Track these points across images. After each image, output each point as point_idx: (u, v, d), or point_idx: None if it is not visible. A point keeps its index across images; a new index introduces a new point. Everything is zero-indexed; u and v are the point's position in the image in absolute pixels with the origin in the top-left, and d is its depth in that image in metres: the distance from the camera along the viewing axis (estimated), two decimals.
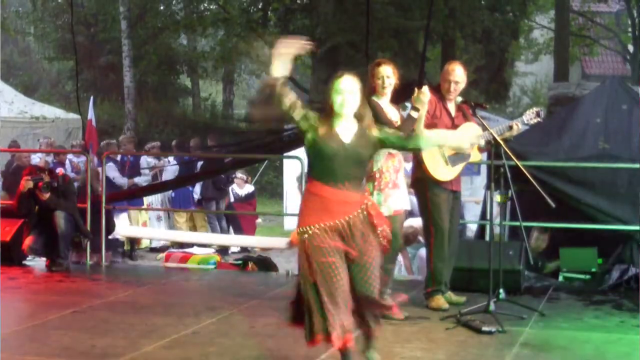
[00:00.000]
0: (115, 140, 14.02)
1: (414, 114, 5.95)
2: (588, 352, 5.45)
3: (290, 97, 4.50)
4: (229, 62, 24.72)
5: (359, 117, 4.61)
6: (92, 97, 14.67)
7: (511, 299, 6.51)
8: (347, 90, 4.56)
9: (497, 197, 6.91)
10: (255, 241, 11.53)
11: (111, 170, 12.08)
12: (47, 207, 8.40)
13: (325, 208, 4.48)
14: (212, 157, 11.77)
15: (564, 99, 11.70)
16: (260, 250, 11.05)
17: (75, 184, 9.85)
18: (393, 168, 6.14)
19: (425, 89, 6.02)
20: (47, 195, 8.33)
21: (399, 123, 6.07)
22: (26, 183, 8.40)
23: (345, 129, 4.56)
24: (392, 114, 6.19)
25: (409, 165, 7.17)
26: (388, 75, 6.14)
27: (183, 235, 11.61)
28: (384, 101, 6.19)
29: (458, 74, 6.55)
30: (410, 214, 7.10)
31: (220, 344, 5.52)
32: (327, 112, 4.59)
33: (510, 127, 6.62)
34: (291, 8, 20.05)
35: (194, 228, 12.97)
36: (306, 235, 4.47)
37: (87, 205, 9.08)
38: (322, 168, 4.53)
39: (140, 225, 12.17)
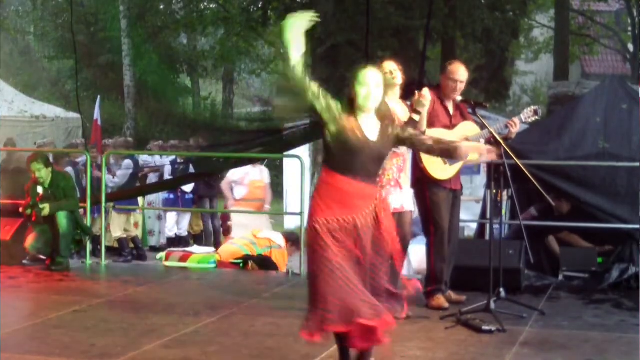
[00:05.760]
0: (113, 140, 14.01)
1: (415, 117, 5.98)
2: (588, 351, 5.45)
3: (312, 86, 4.30)
4: (229, 62, 24.71)
5: (380, 112, 4.48)
6: (98, 97, 14.60)
7: (511, 297, 6.51)
8: (372, 83, 4.41)
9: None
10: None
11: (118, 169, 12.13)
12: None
13: (342, 201, 4.35)
14: (211, 156, 11.73)
15: (564, 98, 11.71)
16: None
17: None
18: (397, 167, 6.13)
19: (426, 92, 6.02)
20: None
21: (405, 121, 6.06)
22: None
23: (369, 125, 4.42)
24: (400, 111, 6.17)
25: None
26: (392, 70, 6.11)
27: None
28: (392, 99, 6.15)
29: (462, 73, 6.58)
30: None
31: (220, 343, 5.53)
32: (349, 104, 4.44)
33: (507, 126, 6.63)
34: (291, 7, 19.99)
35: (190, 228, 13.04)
36: (317, 226, 4.32)
37: (87, 205, 9.08)
38: (343, 161, 4.37)
39: (133, 226, 12.10)
